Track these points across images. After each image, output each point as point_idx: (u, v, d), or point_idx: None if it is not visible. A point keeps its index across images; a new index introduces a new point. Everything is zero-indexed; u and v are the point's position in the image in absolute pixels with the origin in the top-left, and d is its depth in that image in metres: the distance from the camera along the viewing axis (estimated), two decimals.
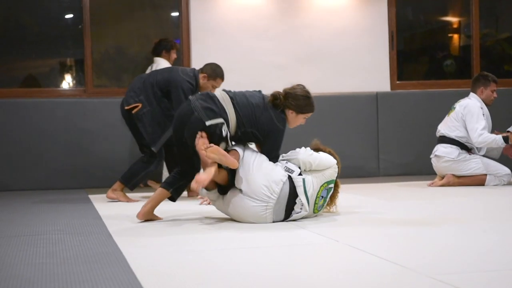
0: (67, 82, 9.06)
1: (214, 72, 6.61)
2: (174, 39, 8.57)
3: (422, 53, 10.08)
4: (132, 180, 6.70)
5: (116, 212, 5.84)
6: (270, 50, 8.83)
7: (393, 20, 9.25)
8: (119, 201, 6.67)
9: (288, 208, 4.83)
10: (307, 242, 4.15)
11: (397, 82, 9.30)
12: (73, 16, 8.90)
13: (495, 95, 7.54)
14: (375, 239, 4.16)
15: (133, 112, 6.58)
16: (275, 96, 5.00)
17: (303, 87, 5.10)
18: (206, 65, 6.70)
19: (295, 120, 5.01)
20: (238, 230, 4.60)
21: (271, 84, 8.65)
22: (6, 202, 6.95)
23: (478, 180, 7.38)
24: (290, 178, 4.80)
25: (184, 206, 6.11)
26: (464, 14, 9.78)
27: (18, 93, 8.57)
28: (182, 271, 3.32)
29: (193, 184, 4.63)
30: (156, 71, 6.84)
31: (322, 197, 4.94)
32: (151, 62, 8.26)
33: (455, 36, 9.96)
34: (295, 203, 4.82)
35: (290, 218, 4.87)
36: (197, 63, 8.26)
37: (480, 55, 9.56)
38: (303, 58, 8.87)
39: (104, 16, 8.97)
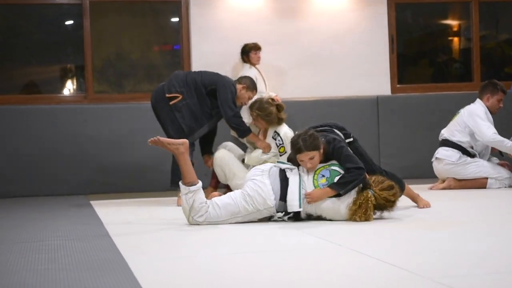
0: (68, 88, 9.06)
1: (253, 84, 6.99)
2: (174, 45, 8.61)
3: (423, 56, 10.08)
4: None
5: (118, 218, 5.84)
6: (270, 54, 8.83)
7: (393, 23, 9.26)
8: None
9: (283, 177, 5.06)
10: (310, 246, 4.14)
11: (398, 85, 9.31)
12: (73, 23, 8.91)
13: (501, 104, 7.51)
14: (378, 243, 4.16)
15: (172, 103, 6.70)
16: None
17: (303, 132, 5.15)
18: (244, 77, 7.08)
19: (301, 163, 5.13)
20: (240, 235, 4.60)
21: (272, 88, 8.71)
22: (7, 209, 6.95)
23: (479, 184, 7.37)
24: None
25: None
26: (464, 17, 9.79)
27: (19, 99, 8.58)
28: (185, 277, 3.32)
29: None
30: (201, 71, 7.05)
31: (323, 175, 5.05)
32: (152, 67, 8.28)
33: (455, 39, 9.97)
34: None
35: (290, 184, 5.00)
36: (197, 68, 8.27)
37: (480, 58, 9.56)
38: (303, 63, 8.88)
39: (105, 22, 8.99)
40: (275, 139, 6.87)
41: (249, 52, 8.44)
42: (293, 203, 4.97)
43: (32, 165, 8.27)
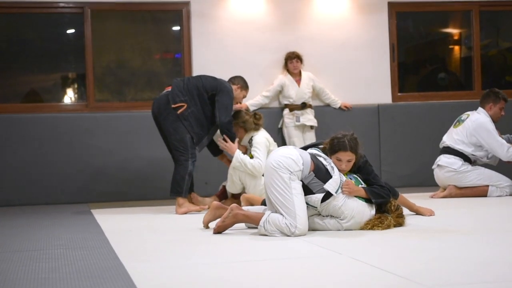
0: (69, 96, 9.07)
1: (245, 83, 7.24)
2: (175, 53, 8.64)
3: (424, 65, 10.08)
4: (182, 188, 6.76)
5: (119, 226, 5.84)
6: (272, 63, 8.84)
7: (393, 32, 9.27)
8: (192, 212, 6.69)
9: (314, 157, 5.02)
10: (310, 254, 4.14)
11: (399, 94, 9.31)
12: (74, 31, 8.92)
13: (502, 113, 7.54)
14: (378, 251, 4.16)
15: (179, 112, 6.76)
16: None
17: (349, 133, 5.15)
18: (236, 77, 7.24)
19: (335, 163, 5.09)
20: (240, 243, 4.60)
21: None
22: (8, 217, 6.95)
23: (480, 191, 7.38)
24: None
25: (185, 220, 6.12)
26: (464, 26, 9.80)
27: (20, 108, 8.59)
28: (185, 285, 3.32)
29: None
30: (199, 76, 7.13)
31: (350, 178, 5.07)
32: (153, 75, 8.27)
33: (456, 47, 9.97)
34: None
35: (335, 171, 4.97)
36: None
37: (481, 66, 9.57)
38: (304, 71, 8.87)
39: (106, 31, 9.00)
40: (251, 146, 7.00)
41: (286, 61, 8.67)
42: (333, 185, 4.90)
43: (32, 174, 8.27)
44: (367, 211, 5.01)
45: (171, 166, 7.01)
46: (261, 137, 7.01)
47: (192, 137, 6.78)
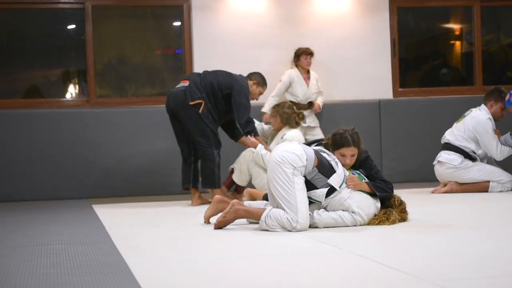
0: (70, 92, 9.07)
1: (263, 79, 7.21)
2: (176, 49, 8.64)
3: (425, 60, 10.08)
4: (215, 180, 6.85)
5: (120, 221, 5.84)
6: (273, 59, 8.84)
7: (395, 27, 9.26)
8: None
9: (318, 153, 5.03)
10: (311, 249, 4.14)
11: (400, 89, 9.31)
12: (75, 27, 8.92)
13: (504, 113, 7.50)
14: (379, 246, 4.16)
15: (200, 111, 6.79)
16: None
17: (349, 129, 5.20)
18: (254, 73, 7.23)
19: (339, 159, 5.11)
20: (241, 238, 4.60)
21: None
22: (9, 213, 6.95)
23: (481, 187, 7.37)
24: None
25: (187, 214, 6.12)
26: (466, 21, 9.79)
27: (21, 104, 8.59)
28: (186, 280, 3.32)
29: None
30: (215, 71, 7.12)
31: (353, 174, 5.08)
32: (154, 71, 8.24)
33: (457, 43, 9.97)
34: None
35: (339, 165, 5.00)
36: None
37: (482, 61, 9.56)
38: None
39: (107, 27, 9.00)
40: (282, 140, 7.06)
41: (300, 56, 8.58)
42: (337, 180, 4.92)
43: (34, 169, 8.27)
44: (373, 203, 5.03)
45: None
46: (297, 135, 7.10)
47: (213, 132, 6.87)
